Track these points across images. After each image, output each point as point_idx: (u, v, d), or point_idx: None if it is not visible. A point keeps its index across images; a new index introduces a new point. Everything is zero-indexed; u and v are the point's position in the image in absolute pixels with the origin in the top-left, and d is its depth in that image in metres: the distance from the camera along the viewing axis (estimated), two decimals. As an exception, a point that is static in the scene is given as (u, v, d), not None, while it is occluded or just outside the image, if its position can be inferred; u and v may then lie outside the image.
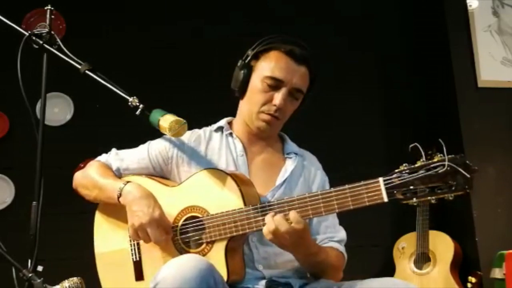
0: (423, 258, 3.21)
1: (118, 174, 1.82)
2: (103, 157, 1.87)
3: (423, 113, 3.67)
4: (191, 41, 3.45)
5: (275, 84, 1.73)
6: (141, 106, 1.59)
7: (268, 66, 1.75)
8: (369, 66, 3.67)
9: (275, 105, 1.73)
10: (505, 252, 3.01)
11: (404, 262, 3.26)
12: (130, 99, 1.60)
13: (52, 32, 1.69)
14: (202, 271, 1.38)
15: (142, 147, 1.85)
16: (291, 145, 1.89)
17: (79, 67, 1.66)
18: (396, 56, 3.73)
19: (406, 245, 3.28)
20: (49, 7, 1.73)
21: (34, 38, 1.66)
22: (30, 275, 1.49)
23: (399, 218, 3.35)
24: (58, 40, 1.69)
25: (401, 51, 3.76)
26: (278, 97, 1.73)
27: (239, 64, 1.79)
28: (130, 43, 3.38)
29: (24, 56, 1.65)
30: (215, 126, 1.88)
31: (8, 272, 1.55)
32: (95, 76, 1.65)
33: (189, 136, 1.82)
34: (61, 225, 3.00)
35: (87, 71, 1.65)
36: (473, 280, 3.12)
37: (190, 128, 1.64)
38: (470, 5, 3.55)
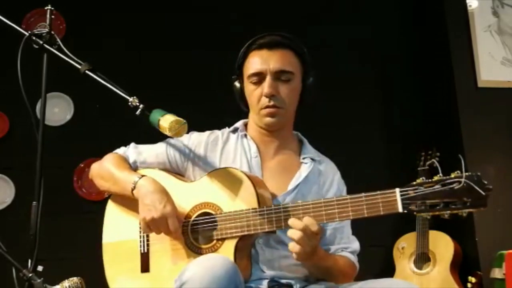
0: (423, 258, 3.21)
1: (134, 167, 1.83)
2: (121, 150, 1.88)
3: (423, 113, 3.66)
4: (192, 41, 3.45)
5: (257, 79, 1.76)
6: (141, 106, 1.59)
7: (247, 67, 1.79)
8: (369, 66, 3.66)
9: (266, 95, 1.74)
10: (505, 252, 3.00)
11: (404, 262, 3.26)
12: (130, 99, 1.60)
13: (52, 32, 1.69)
14: (229, 270, 1.39)
15: (161, 143, 1.87)
16: (309, 149, 1.87)
17: (79, 67, 1.65)
18: (396, 56, 3.73)
19: (406, 245, 3.28)
20: (49, 7, 1.73)
21: (34, 38, 1.66)
22: (30, 275, 1.49)
23: (399, 218, 3.32)
24: (58, 40, 1.69)
25: (401, 51, 3.76)
26: (264, 87, 1.74)
27: (233, 80, 1.85)
28: (130, 43, 3.38)
29: (24, 56, 1.65)
30: (232, 127, 1.89)
31: (8, 272, 1.54)
32: (95, 76, 1.65)
33: (207, 137, 1.84)
34: (61, 225, 3.00)
35: (87, 71, 1.65)
36: (473, 280, 3.12)
37: (189, 128, 1.64)
38: (470, 5, 3.55)
